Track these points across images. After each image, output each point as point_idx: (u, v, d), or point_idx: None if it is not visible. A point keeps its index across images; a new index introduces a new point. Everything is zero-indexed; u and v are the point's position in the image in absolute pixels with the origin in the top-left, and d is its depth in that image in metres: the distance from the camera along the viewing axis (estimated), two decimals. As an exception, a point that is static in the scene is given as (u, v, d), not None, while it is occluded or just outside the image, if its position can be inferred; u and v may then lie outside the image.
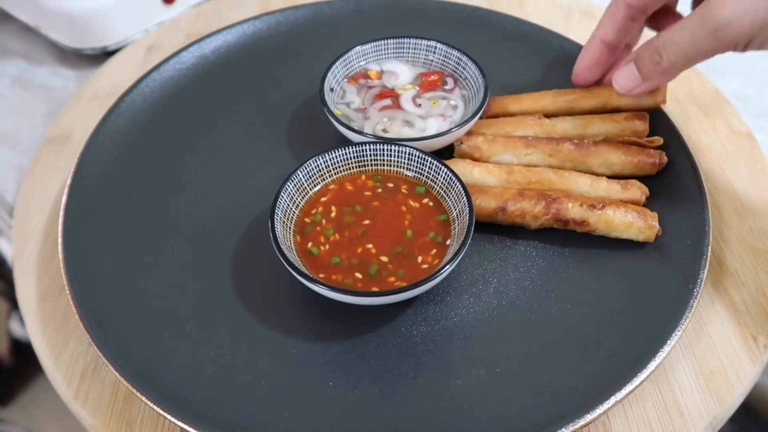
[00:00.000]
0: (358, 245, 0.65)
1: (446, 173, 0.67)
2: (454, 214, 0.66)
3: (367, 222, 0.66)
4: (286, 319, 0.63)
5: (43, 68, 0.99)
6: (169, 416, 0.55)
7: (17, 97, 0.95)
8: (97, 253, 0.68)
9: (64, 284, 0.64)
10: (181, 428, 0.55)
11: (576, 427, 0.54)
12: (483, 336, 0.62)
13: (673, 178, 0.72)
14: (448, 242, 0.64)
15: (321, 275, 0.62)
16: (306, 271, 0.61)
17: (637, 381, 0.57)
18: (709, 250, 0.65)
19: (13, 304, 1.12)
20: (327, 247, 0.65)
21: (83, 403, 0.60)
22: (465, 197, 0.64)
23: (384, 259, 0.64)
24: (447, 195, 0.67)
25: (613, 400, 0.56)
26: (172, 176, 0.76)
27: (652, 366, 0.58)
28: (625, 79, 0.71)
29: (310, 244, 0.65)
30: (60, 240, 0.67)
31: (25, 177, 0.80)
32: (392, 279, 0.62)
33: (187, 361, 0.60)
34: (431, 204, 0.68)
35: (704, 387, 0.61)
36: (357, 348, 0.61)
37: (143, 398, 0.56)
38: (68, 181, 0.73)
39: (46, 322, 0.66)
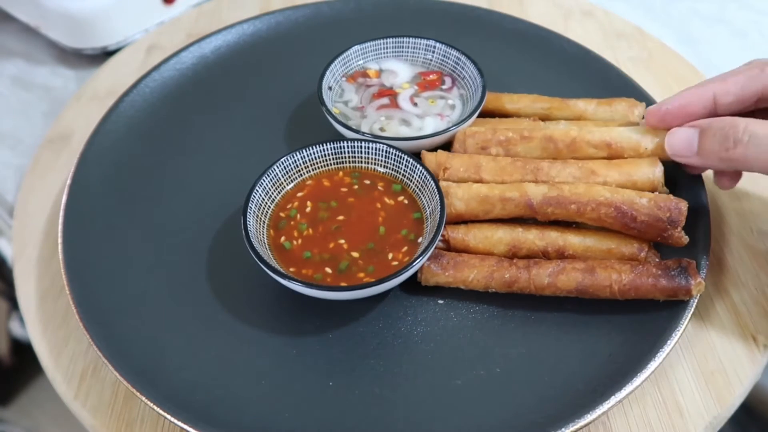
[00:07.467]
0: (331, 240, 0.65)
1: (421, 171, 0.67)
2: (428, 212, 0.66)
3: (341, 218, 0.67)
4: (285, 319, 0.63)
5: (43, 68, 0.99)
6: (169, 416, 0.55)
7: (17, 97, 0.94)
8: (97, 253, 0.68)
9: (64, 284, 0.64)
10: (181, 428, 0.55)
11: (576, 427, 0.54)
12: (483, 336, 0.62)
13: (672, 178, 0.72)
14: (420, 240, 0.65)
15: (291, 269, 0.63)
16: (276, 265, 0.62)
17: (637, 381, 0.57)
18: (710, 250, 0.65)
19: (13, 304, 1.12)
20: (299, 241, 0.65)
21: (83, 403, 0.60)
22: (438, 196, 0.65)
23: (355, 254, 0.64)
24: (422, 193, 0.67)
25: (613, 400, 0.56)
26: (172, 176, 0.76)
27: (652, 366, 0.58)
28: (679, 142, 0.59)
29: (283, 239, 0.65)
30: (60, 240, 0.67)
31: (25, 177, 0.79)
32: (361, 275, 0.62)
33: (187, 361, 0.60)
34: (406, 202, 0.68)
35: (704, 387, 0.61)
36: (357, 348, 0.61)
37: (143, 398, 0.56)
38: (68, 181, 0.73)
39: (46, 322, 0.66)
